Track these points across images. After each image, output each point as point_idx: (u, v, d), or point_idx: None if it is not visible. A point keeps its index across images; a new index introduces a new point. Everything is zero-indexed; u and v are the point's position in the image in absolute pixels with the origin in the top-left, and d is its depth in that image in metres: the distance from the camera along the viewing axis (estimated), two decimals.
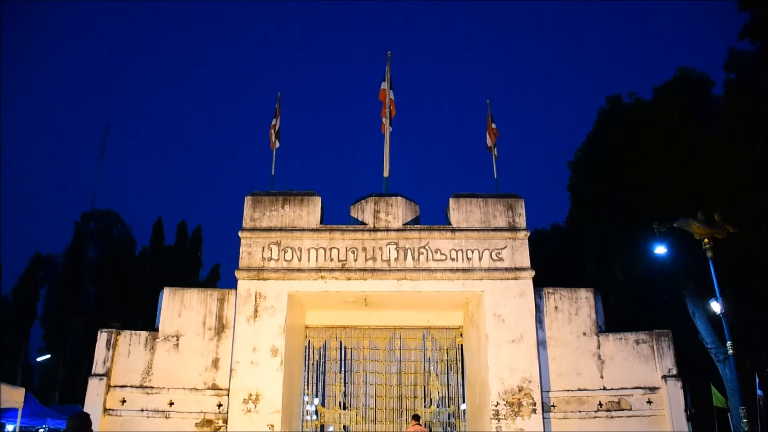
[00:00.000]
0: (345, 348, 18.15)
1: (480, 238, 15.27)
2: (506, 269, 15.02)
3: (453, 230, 15.33)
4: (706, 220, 15.51)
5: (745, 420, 14.40)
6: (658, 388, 14.71)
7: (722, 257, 16.39)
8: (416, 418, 15.90)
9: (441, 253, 15.14)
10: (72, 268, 43.88)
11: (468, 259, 15.10)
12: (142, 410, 14.55)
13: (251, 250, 15.19)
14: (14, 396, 12.14)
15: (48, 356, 41.09)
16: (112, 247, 44.73)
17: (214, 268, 47.51)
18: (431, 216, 16.33)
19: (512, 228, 15.39)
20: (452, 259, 15.09)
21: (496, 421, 14.08)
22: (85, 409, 14.42)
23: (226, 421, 14.21)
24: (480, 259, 15.10)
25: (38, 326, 46.00)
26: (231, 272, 15.30)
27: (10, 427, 26.13)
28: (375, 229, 15.34)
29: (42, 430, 27.61)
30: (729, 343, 14.75)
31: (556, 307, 15.34)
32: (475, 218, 15.48)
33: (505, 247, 15.23)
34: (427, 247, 15.19)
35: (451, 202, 15.73)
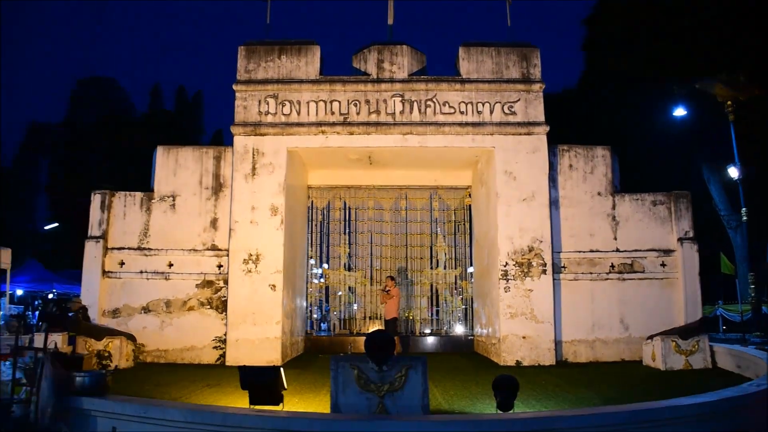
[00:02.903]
0: (349, 209, 17.71)
1: (491, 90, 14.24)
2: (519, 124, 14.09)
3: (462, 81, 14.26)
4: (729, 82, 14.41)
5: (752, 286, 13.94)
6: (673, 250, 14.23)
7: (742, 123, 15.35)
8: (392, 278, 15.88)
9: (449, 106, 14.15)
10: (71, 136, 43.19)
11: (478, 112, 14.13)
12: (141, 272, 14.31)
13: (247, 104, 14.25)
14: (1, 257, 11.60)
15: (56, 225, 41.12)
16: (110, 114, 43.70)
17: (216, 134, 46.49)
18: (439, 69, 15.22)
19: (526, 79, 14.31)
20: (461, 113, 14.13)
21: (505, 281, 13.68)
22: (84, 272, 14.27)
23: (226, 282, 13.94)
24: (491, 112, 14.14)
25: (43, 195, 46.07)
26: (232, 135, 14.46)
27: (20, 291, 26.50)
28: (379, 80, 14.28)
29: (51, 295, 28.01)
30: (744, 209, 14.03)
31: (570, 166, 14.58)
32: (487, 69, 14.37)
33: (518, 100, 14.22)
34: (434, 99, 14.18)
35: (461, 51, 14.55)
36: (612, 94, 29.18)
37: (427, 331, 17.79)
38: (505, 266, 13.75)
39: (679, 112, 18.14)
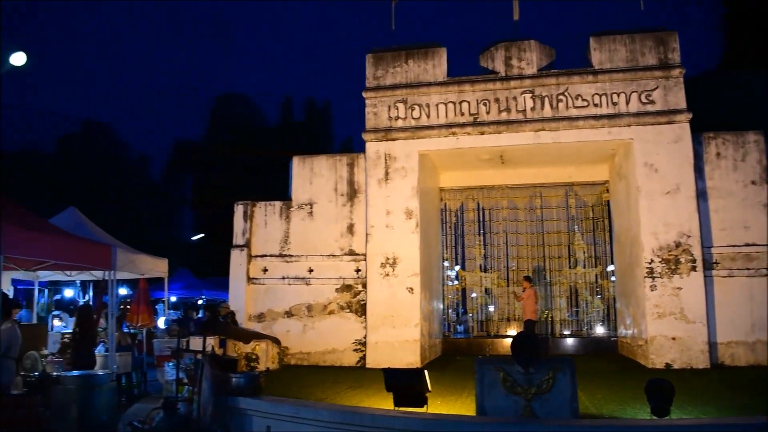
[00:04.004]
0: (483, 209, 17.48)
1: (626, 79, 13.58)
2: (658, 113, 13.35)
3: (595, 72, 13.71)
4: None
5: None
6: None
7: None
8: (528, 279, 15.33)
9: (582, 99, 13.66)
10: (211, 151, 45.82)
11: (613, 103, 13.53)
12: (283, 278, 14.90)
13: (377, 110, 14.48)
14: (158, 266, 12.60)
15: (201, 235, 43.70)
16: (245, 128, 45.92)
17: (346, 141, 47.79)
18: (568, 62, 14.72)
19: (664, 65, 13.52)
20: (595, 105, 13.59)
21: (650, 280, 12.98)
22: (231, 279, 15.10)
23: (365, 286, 14.23)
24: (627, 102, 13.49)
25: (189, 208, 49.11)
26: (363, 141, 14.76)
27: (173, 298, 28.39)
28: (507, 78, 14.03)
29: (200, 300, 29.80)
30: None
31: (718, 154, 13.60)
32: (620, 57, 13.73)
33: (656, 87, 13.46)
34: (566, 93, 13.73)
35: (592, 41, 13.99)
36: (761, 74, 27.03)
37: (567, 332, 17.23)
38: (650, 263, 13.05)
39: None
